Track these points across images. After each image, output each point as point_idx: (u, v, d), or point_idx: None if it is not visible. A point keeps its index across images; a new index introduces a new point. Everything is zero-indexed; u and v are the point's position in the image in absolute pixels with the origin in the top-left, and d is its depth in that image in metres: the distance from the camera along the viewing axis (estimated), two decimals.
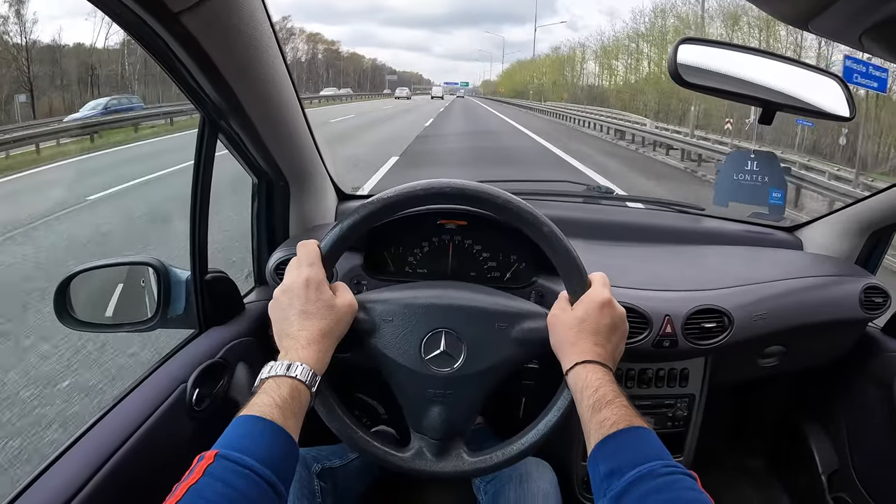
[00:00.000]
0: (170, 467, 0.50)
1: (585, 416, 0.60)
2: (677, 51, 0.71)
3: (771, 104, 0.77)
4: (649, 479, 0.52)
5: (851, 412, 1.21)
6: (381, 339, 0.70)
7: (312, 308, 0.63)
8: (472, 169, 8.65)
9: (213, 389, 0.83)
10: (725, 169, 1.50)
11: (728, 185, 1.47)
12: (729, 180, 1.47)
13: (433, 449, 0.71)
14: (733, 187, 1.47)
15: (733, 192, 1.47)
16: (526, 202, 0.69)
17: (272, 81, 0.81)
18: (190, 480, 0.47)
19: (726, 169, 1.50)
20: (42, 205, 5.42)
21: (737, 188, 1.47)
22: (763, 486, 1.38)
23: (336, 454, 0.95)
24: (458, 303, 0.72)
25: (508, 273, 1.04)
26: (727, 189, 1.48)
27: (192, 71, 0.69)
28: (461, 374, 0.69)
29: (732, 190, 1.47)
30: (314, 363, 0.61)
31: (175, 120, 12.48)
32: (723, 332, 0.96)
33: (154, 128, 12.37)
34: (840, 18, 0.44)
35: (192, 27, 0.62)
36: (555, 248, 0.69)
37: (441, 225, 1.02)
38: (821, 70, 0.83)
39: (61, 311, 0.84)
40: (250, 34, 0.70)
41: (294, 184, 1.06)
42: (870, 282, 1.08)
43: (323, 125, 13.08)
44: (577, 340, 0.65)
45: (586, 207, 1.35)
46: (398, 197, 0.69)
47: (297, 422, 0.57)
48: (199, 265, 0.86)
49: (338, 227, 0.68)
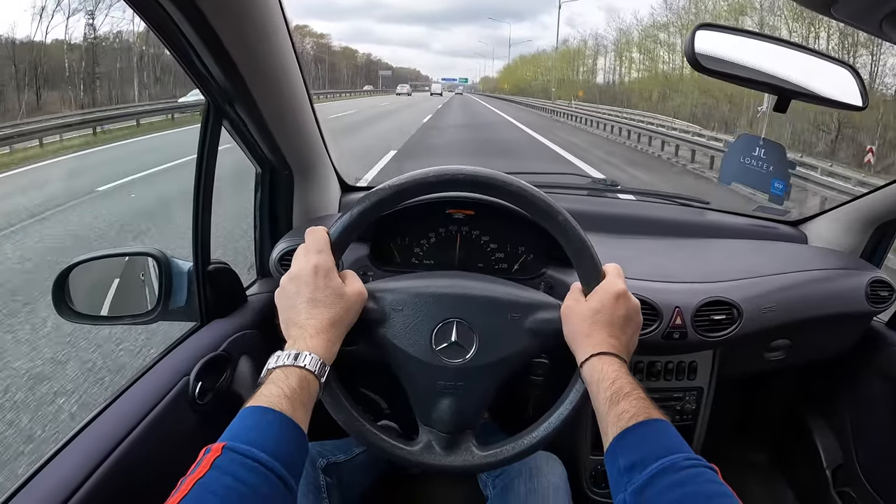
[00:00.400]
0: (172, 461, 0.49)
1: (602, 409, 0.59)
2: (694, 36, 0.71)
3: (786, 92, 0.76)
4: (672, 472, 0.51)
5: (856, 406, 1.22)
6: (391, 328, 0.68)
7: (321, 296, 0.62)
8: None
9: (215, 383, 0.81)
10: (734, 149, 1.51)
11: (735, 166, 1.48)
12: (736, 162, 1.48)
13: (442, 442, 0.69)
14: (740, 169, 1.47)
15: (739, 173, 1.47)
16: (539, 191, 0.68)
17: (281, 68, 0.79)
18: (197, 474, 0.45)
19: (734, 149, 1.50)
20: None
21: (743, 171, 1.47)
22: (768, 480, 1.38)
23: (340, 449, 0.93)
24: (470, 292, 0.71)
25: (516, 264, 1.03)
26: (733, 170, 1.48)
27: (199, 52, 0.67)
28: (473, 365, 0.68)
29: (738, 172, 1.47)
30: (323, 353, 0.59)
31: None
32: (732, 325, 0.96)
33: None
34: (862, 3, 0.43)
35: (203, 6, 0.60)
36: (569, 237, 0.68)
37: (448, 215, 1.00)
38: (834, 59, 0.82)
39: (60, 304, 0.81)
40: (261, 18, 0.68)
41: (298, 174, 1.04)
42: (876, 275, 1.08)
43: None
44: (591, 332, 0.64)
45: (592, 200, 1.34)
46: (409, 183, 0.67)
47: (307, 413, 0.55)
48: (201, 256, 0.85)
49: (348, 215, 0.67)
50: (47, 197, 5.71)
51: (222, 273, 0.90)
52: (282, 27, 0.74)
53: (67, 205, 5.42)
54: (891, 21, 0.44)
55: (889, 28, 0.45)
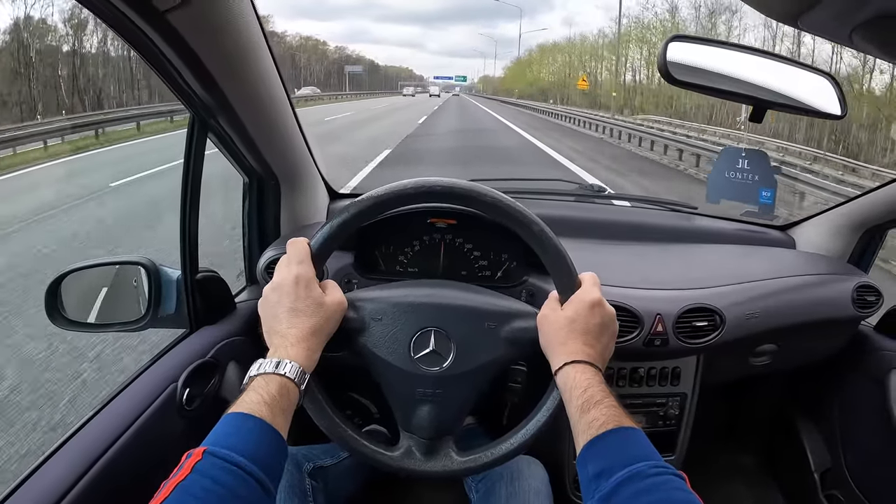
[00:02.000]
0: (160, 467, 0.50)
1: (574, 417, 0.60)
2: (667, 48, 0.71)
3: (762, 102, 0.77)
4: (638, 479, 0.52)
5: (844, 410, 1.22)
6: (371, 337, 0.70)
7: (302, 305, 0.63)
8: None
9: (203, 389, 0.83)
10: (718, 166, 1.50)
11: (721, 182, 1.48)
12: (721, 178, 1.48)
13: (422, 448, 0.71)
14: (726, 185, 1.47)
15: (725, 189, 1.47)
16: (516, 201, 0.69)
17: (261, 79, 0.80)
18: (178, 478, 0.47)
19: (719, 166, 1.50)
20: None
21: (729, 186, 1.47)
22: (756, 484, 1.39)
23: (328, 453, 0.94)
24: (448, 302, 0.72)
25: (499, 272, 1.04)
26: (720, 186, 1.48)
27: (179, 69, 0.68)
28: (450, 373, 0.69)
29: (725, 187, 1.47)
30: (303, 361, 0.61)
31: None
32: (714, 331, 0.96)
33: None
34: (830, 15, 0.43)
35: (179, 26, 0.62)
36: (545, 247, 0.69)
37: (431, 224, 1.02)
38: (812, 68, 0.82)
39: (52, 311, 0.84)
40: (238, 32, 0.70)
41: (285, 182, 1.06)
42: (862, 280, 1.09)
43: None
44: (566, 340, 0.65)
45: (578, 206, 1.35)
46: (388, 195, 0.68)
47: (286, 419, 0.57)
48: (189, 264, 0.86)
49: (328, 226, 0.68)
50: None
51: (211, 281, 0.91)
52: (260, 40, 0.75)
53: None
54: (861, 32, 0.44)
55: (859, 39, 0.45)
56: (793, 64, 0.82)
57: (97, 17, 0.60)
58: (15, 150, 8.46)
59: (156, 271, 0.87)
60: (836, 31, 0.47)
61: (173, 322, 0.90)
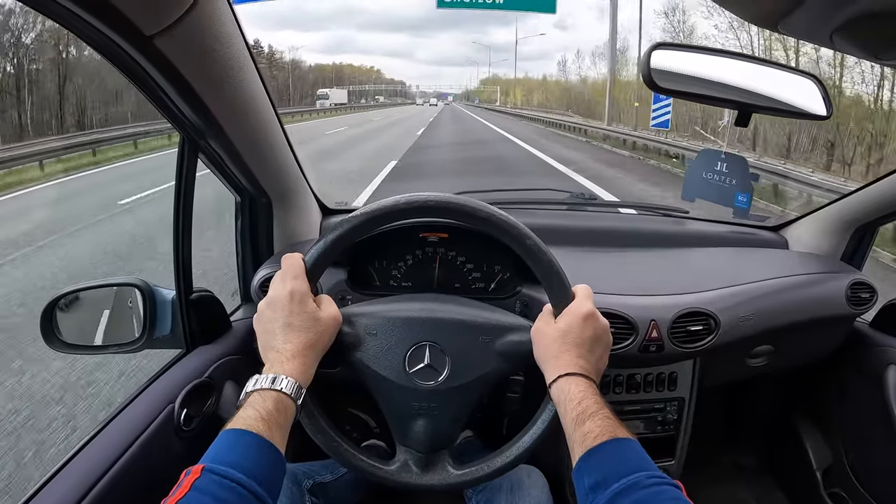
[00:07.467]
0: (159, 489, 0.50)
1: (569, 429, 0.61)
2: (650, 56, 0.72)
3: (747, 106, 0.78)
4: (633, 490, 0.52)
5: (843, 407, 1.22)
6: (366, 352, 0.70)
7: (297, 321, 0.64)
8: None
9: (200, 409, 0.83)
10: (695, 166, 1.51)
11: (697, 182, 1.48)
12: (698, 178, 1.48)
13: (418, 462, 0.71)
14: (702, 185, 1.48)
15: (701, 189, 1.48)
16: (509, 214, 0.69)
17: (250, 99, 0.81)
18: (177, 495, 0.47)
19: (696, 166, 1.50)
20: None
21: (705, 186, 1.48)
22: (758, 484, 1.38)
23: (327, 469, 0.94)
24: (442, 316, 0.72)
25: (493, 284, 1.04)
26: (695, 186, 1.48)
27: (168, 93, 0.69)
28: (445, 387, 0.70)
29: (701, 187, 1.48)
30: (299, 376, 0.61)
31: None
32: (709, 335, 0.96)
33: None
34: (810, 18, 0.44)
35: (166, 50, 0.62)
36: (538, 260, 0.69)
37: (424, 238, 1.02)
38: (797, 70, 0.83)
39: (48, 334, 0.83)
40: (225, 53, 0.70)
41: (276, 200, 1.06)
42: (855, 277, 1.09)
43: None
44: (559, 353, 0.65)
45: (571, 214, 1.35)
46: (381, 211, 0.69)
47: (284, 434, 0.58)
48: (183, 285, 0.86)
49: (322, 241, 0.69)
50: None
51: (206, 300, 0.91)
52: (248, 61, 0.75)
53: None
54: (841, 34, 0.44)
55: (840, 40, 0.46)
56: (777, 67, 0.83)
57: (84, 42, 0.61)
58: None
59: (150, 292, 0.87)
60: (816, 33, 0.47)
61: (169, 342, 0.90)
